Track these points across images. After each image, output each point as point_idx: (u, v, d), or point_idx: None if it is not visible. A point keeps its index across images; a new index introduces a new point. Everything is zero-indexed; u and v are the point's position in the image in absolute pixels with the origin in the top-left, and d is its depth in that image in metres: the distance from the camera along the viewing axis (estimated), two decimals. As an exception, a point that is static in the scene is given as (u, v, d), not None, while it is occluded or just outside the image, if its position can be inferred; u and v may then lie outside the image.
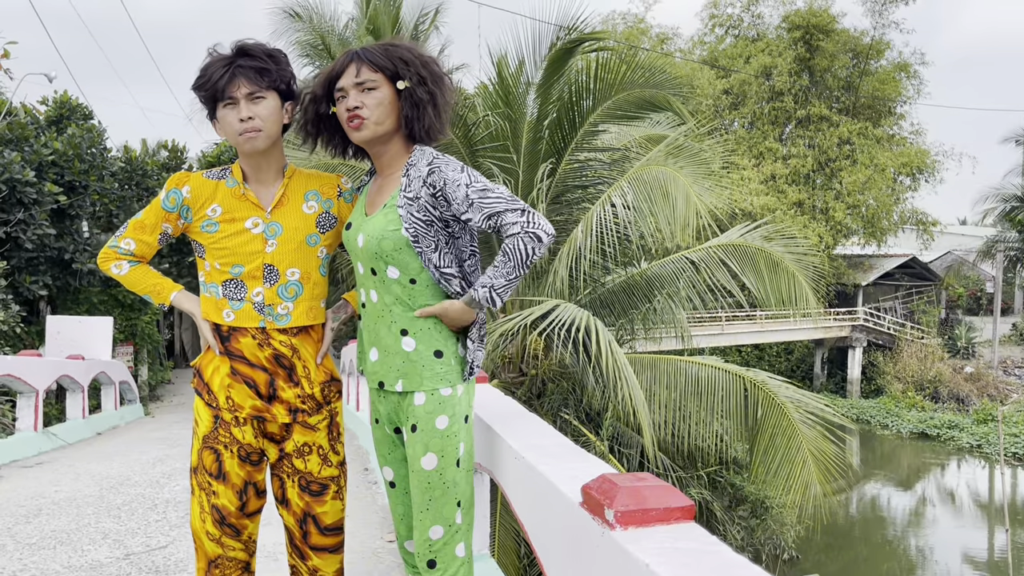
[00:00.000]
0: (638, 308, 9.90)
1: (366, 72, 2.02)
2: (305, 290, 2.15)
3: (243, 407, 2.13)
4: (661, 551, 1.32)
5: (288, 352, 2.14)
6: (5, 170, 11.28)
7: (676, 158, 9.14)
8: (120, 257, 2.22)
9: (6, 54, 10.96)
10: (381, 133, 2.05)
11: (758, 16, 31.99)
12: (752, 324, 27.07)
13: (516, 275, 1.96)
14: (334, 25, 17.29)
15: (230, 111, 2.05)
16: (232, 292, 2.11)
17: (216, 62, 2.04)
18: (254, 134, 2.05)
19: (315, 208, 2.18)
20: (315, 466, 2.20)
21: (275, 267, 2.11)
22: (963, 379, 28.21)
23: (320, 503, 2.22)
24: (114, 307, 14.36)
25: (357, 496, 5.27)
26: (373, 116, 2.02)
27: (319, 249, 2.18)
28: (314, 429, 2.20)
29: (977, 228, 41.98)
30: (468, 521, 2.10)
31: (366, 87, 2.02)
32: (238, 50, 2.06)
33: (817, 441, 8.62)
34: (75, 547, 4.04)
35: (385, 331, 2.06)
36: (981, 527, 18.47)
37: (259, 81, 2.04)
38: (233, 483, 2.14)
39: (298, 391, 2.16)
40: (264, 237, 2.12)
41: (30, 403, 7.85)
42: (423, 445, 2.01)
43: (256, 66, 2.04)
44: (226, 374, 2.13)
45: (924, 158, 29.68)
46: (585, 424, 9.15)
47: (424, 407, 2.02)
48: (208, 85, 2.03)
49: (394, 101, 2.04)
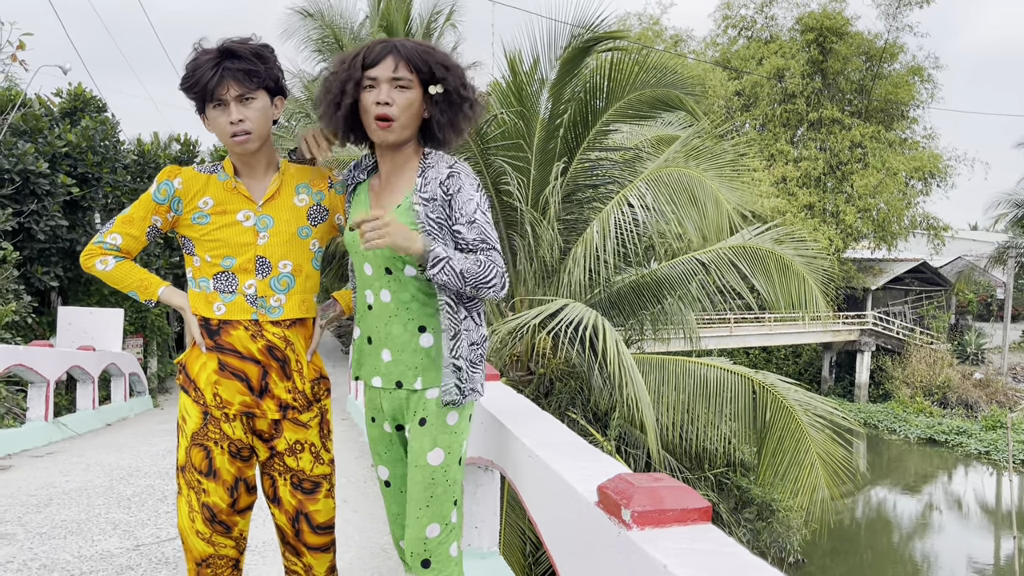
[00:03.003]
0: (647, 309, 9.89)
1: (403, 70, 1.97)
2: (297, 282, 2.15)
3: (231, 403, 2.11)
4: (678, 552, 1.32)
5: (282, 344, 2.12)
6: (19, 161, 11.34)
7: (697, 160, 9.12)
8: (105, 253, 2.18)
9: (22, 45, 11.01)
10: (405, 138, 2.03)
11: (771, 18, 31.89)
12: (760, 326, 27.01)
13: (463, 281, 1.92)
14: (349, 22, 17.31)
15: (220, 113, 2.03)
16: (223, 285, 2.10)
17: (204, 63, 2.01)
18: (245, 137, 2.04)
19: (306, 201, 2.18)
20: (307, 464, 2.19)
21: (267, 259, 2.11)
22: (972, 385, 28.07)
23: (313, 501, 2.21)
24: (124, 299, 14.41)
25: (364, 492, 5.28)
26: (402, 119, 1.99)
27: (311, 242, 2.17)
28: (306, 427, 2.19)
29: (988, 234, 41.75)
30: (460, 521, 2.09)
31: (400, 84, 1.98)
32: (225, 51, 2.01)
33: (825, 444, 8.60)
34: (85, 537, 4.07)
35: (400, 329, 2.04)
36: (988, 534, 18.38)
37: (248, 83, 2.01)
38: (224, 480, 2.12)
39: (290, 385, 2.15)
40: (256, 230, 2.11)
41: (41, 393, 7.90)
42: (431, 439, 1.99)
43: (245, 68, 2.00)
44: (213, 370, 2.11)
45: (936, 162, 29.53)
46: (592, 424, 9.14)
47: (436, 401, 2.01)
48: (197, 87, 2.02)
49: (421, 105, 2.01)
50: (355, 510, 4.71)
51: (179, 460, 2.17)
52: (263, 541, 3.79)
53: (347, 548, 3.87)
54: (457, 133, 2.06)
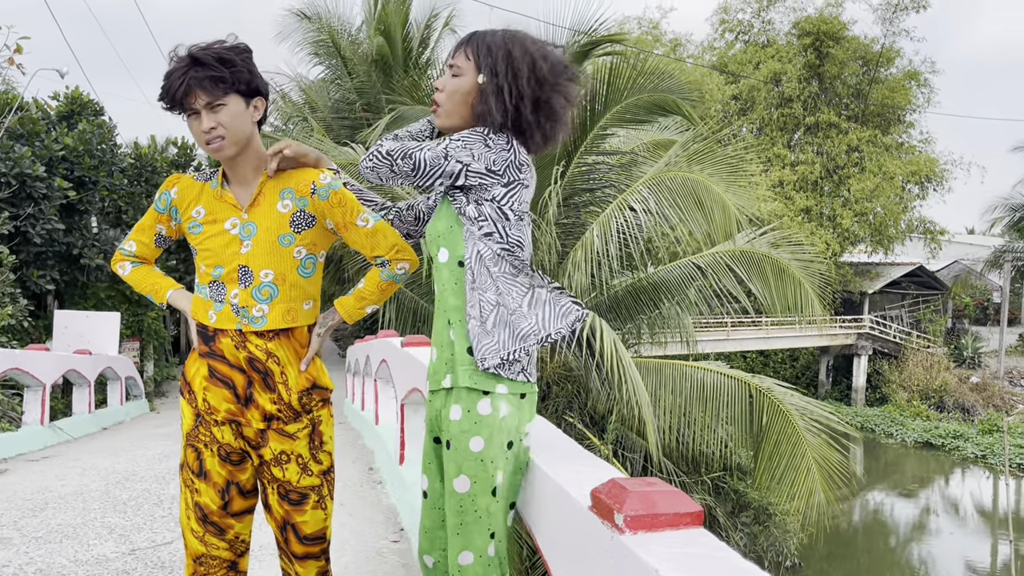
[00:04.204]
0: (645, 313, 9.90)
1: (459, 57, 1.98)
2: (281, 292, 2.10)
3: (218, 410, 2.11)
4: (671, 556, 1.32)
5: (263, 356, 2.10)
6: (16, 165, 11.33)
7: (700, 163, 9.13)
8: (124, 258, 2.31)
9: (19, 49, 11.00)
10: (451, 125, 2.01)
11: (768, 22, 31.98)
12: (758, 330, 27.03)
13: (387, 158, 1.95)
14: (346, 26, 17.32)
15: (194, 121, 2.03)
16: (215, 294, 2.11)
17: (174, 72, 2.00)
18: (219, 143, 2.03)
19: (290, 207, 2.12)
20: (294, 475, 2.15)
21: (249, 268, 2.08)
22: (969, 389, 28.11)
23: (300, 512, 2.17)
24: (121, 302, 14.42)
25: (361, 495, 5.29)
26: (446, 105, 1.99)
27: (294, 249, 2.11)
28: (292, 438, 2.14)
29: (985, 238, 41.80)
30: (503, 554, 1.95)
31: (454, 72, 1.98)
32: (191, 59, 2.00)
33: (822, 449, 8.61)
34: (81, 541, 4.06)
35: (441, 325, 1.99)
36: (985, 538, 18.39)
37: (215, 90, 1.99)
38: (215, 482, 2.12)
39: (274, 396, 2.12)
40: (240, 238, 2.10)
41: (37, 397, 7.89)
42: (456, 466, 1.90)
43: (210, 75, 1.98)
44: (204, 376, 2.12)
45: (933, 167, 29.60)
46: (589, 428, 9.14)
47: (459, 424, 1.89)
48: (167, 99, 2.02)
49: (471, 93, 1.96)
50: (351, 514, 4.71)
51: (180, 458, 2.20)
52: (260, 545, 3.79)
53: (343, 552, 3.87)
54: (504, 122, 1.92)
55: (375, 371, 6.56)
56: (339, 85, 17.14)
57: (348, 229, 2.16)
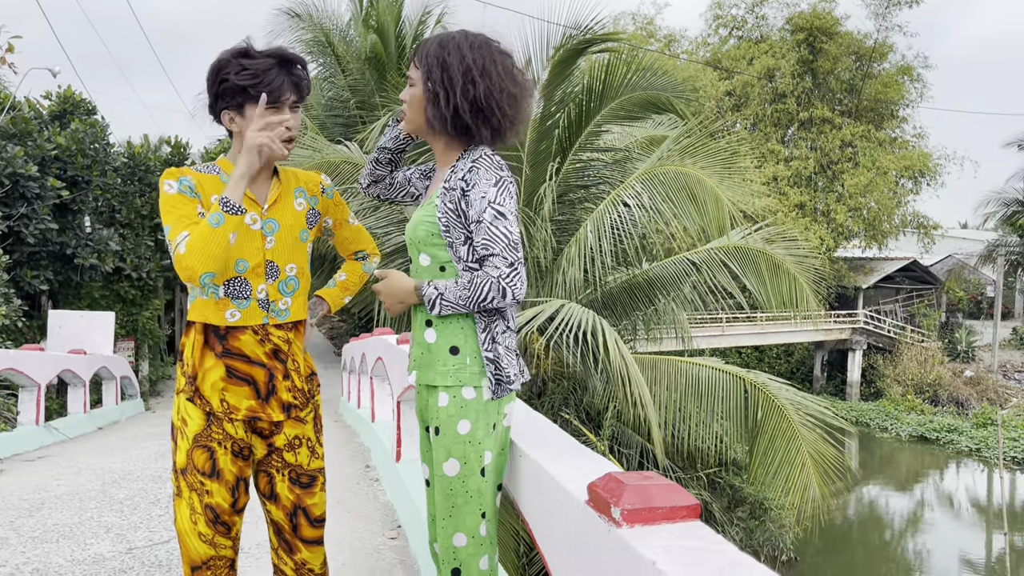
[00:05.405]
0: (639, 309, 9.91)
1: (411, 68, 2.08)
2: (301, 285, 2.22)
3: (239, 408, 2.13)
4: (667, 549, 1.33)
5: (285, 346, 2.18)
6: (8, 164, 11.29)
7: (693, 157, 9.12)
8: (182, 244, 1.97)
9: (11, 48, 10.95)
10: (413, 130, 2.13)
11: (762, 18, 32.02)
12: (752, 326, 27.08)
13: (465, 307, 1.92)
14: (337, 24, 17.26)
15: (271, 114, 2.07)
16: (236, 291, 2.10)
17: (268, 66, 2.06)
18: (292, 145, 2.13)
19: (304, 205, 2.24)
20: (305, 458, 2.24)
21: (275, 263, 2.15)
22: (963, 383, 28.21)
23: (310, 495, 2.25)
24: (115, 302, 14.38)
25: (358, 492, 5.29)
26: (408, 114, 2.09)
27: (308, 245, 2.26)
28: (303, 422, 2.24)
29: (978, 232, 41.96)
30: (493, 534, 2.04)
31: (410, 82, 2.08)
32: (290, 58, 2.12)
33: (816, 443, 8.64)
34: (78, 541, 4.06)
35: (417, 322, 2.06)
36: (979, 531, 18.48)
37: (303, 93, 2.14)
38: (227, 480, 2.14)
39: (290, 384, 2.20)
40: (263, 234, 2.14)
41: (32, 397, 7.87)
42: (445, 450, 1.97)
43: (305, 81, 2.15)
44: (220, 376, 2.12)
45: (926, 161, 29.68)
46: (585, 424, 9.16)
47: (446, 409, 1.97)
48: (261, 85, 2.04)
49: (422, 99, 2.04)
50: (348, 511, 4.71)
51: (178, 463, 2.15)
52: (256, 543, 3.79)
53: (340, 549, 3.87)
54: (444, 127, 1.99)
55: (371, 369, 6.56)
56: (332, 83, 17.10)
57: (342, 226, 2.39)
